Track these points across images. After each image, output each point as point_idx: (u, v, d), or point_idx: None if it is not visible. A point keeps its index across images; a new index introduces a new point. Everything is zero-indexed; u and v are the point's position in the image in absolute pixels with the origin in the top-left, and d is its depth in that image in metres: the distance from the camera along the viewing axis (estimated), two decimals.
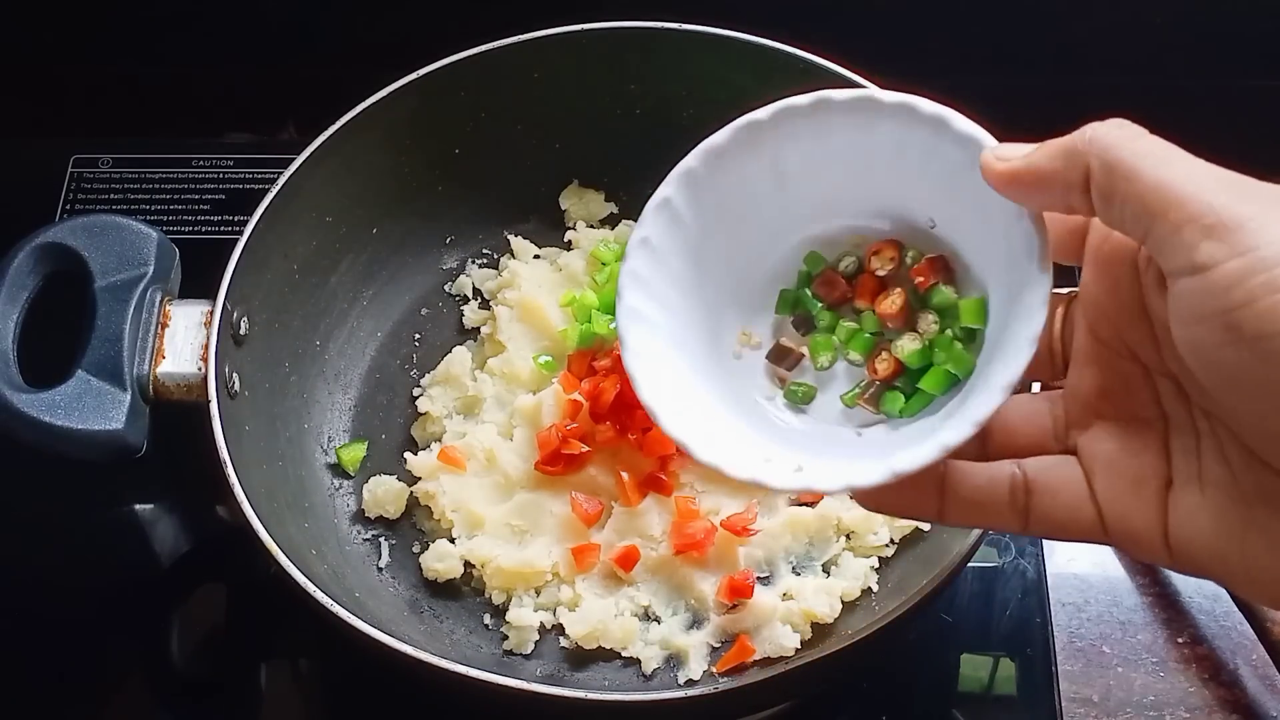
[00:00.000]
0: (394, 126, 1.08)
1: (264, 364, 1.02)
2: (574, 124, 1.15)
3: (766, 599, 0.96)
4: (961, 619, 1.04)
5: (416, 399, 1.10)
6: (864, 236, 0.73)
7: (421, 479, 1.04)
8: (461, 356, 1.10)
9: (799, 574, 0.99)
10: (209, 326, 0.95)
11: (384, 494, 1.04)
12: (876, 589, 0.98)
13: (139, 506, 1.14)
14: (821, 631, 0.95)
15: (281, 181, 1.02)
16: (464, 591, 1.01)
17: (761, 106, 0.70)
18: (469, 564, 1.00)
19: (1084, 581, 1.08)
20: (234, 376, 0.96)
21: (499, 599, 0.99)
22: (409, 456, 1.05)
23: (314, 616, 0.85)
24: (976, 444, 0.64)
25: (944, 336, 0.69)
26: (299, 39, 1.36)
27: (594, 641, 0.96)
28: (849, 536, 1.00)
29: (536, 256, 1.16)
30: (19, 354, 0.93)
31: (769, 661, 0.92)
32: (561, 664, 0.97)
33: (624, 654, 0.97)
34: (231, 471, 0.89)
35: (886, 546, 0.99)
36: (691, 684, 0.94)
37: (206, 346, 0.94)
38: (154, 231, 0.98)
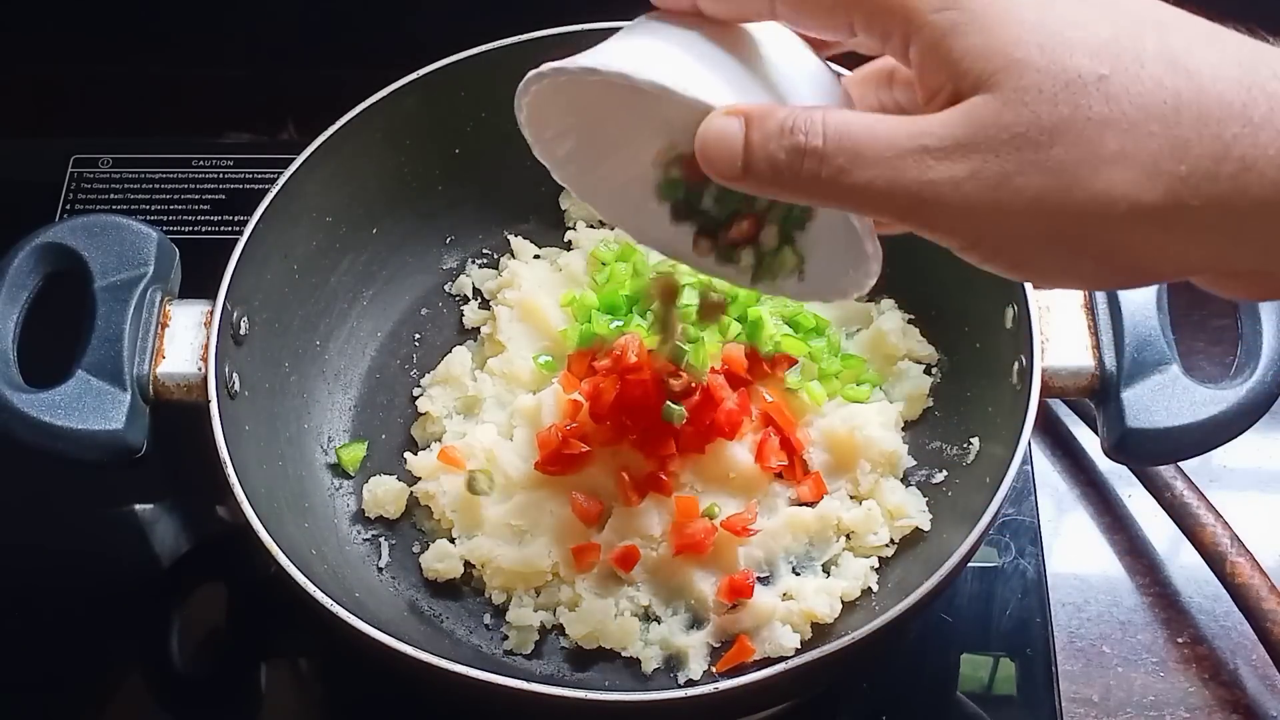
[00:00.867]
0: (394, 126, 1.08)
1: (264, 364, 1.02)
2: None
3: (766, 599, 0.96)
4: (961, 619, 1.04)
5: (416, 399, 1.10)
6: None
7: (421, 479, 1.04)
8: (461, 356, 1.10)
9: (799, 574, 0.99)
10: (209, 326, 0.95)
11: (384, 494, 1.04)
12: (876, 589, 0.98)
13: (139, 506, 1.14)
14: (821, 631, 0.95)
15: (281, 181, 1.01)
16: (464, 591, 1.01)
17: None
18: (469, 564, 1.01)
19: (1084, 581, 1.08)
20: (234, 376, 0.96)
21: (499, 599, 0.99)
22: (409, 456, 1.05)
23: (314, 616, 0.85)
24: None
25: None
26: (299, 39, 1.36)
27: (594, 641, 0.96)
28: (849, 537, 1.00)
29: (536, 256, 1.16)
30: (19, 354, 0.93)
31: (769, 662, 0.92)
32: (561, 664, 0.97)
33: (624, 654, 0.97)
34: (231, 471, 0.89)
35: (886, 546, 0.99)
36: (691, 684, 0.94)
37: (206, 346, 0.94)
38: (154, 231, 0.98)
